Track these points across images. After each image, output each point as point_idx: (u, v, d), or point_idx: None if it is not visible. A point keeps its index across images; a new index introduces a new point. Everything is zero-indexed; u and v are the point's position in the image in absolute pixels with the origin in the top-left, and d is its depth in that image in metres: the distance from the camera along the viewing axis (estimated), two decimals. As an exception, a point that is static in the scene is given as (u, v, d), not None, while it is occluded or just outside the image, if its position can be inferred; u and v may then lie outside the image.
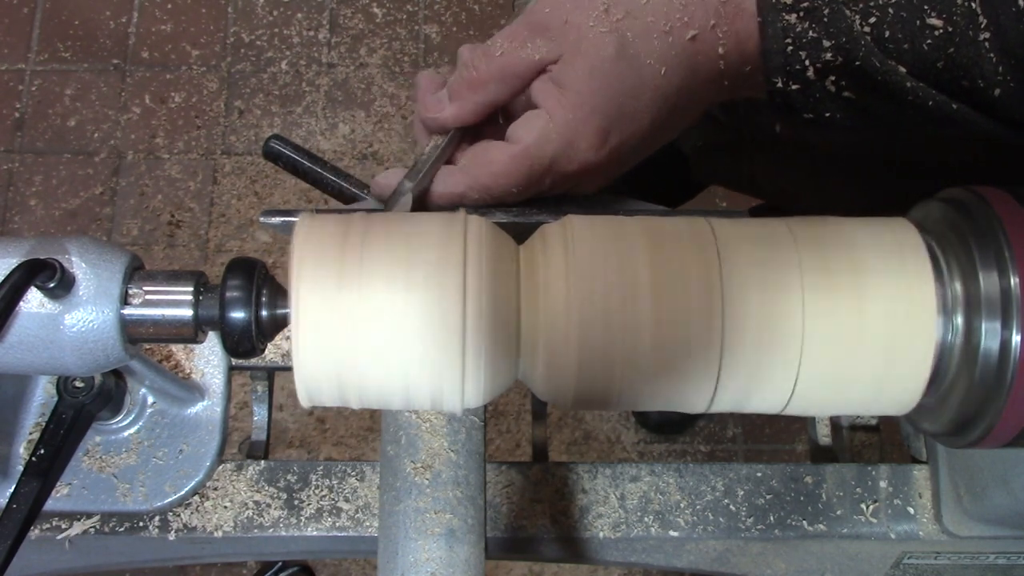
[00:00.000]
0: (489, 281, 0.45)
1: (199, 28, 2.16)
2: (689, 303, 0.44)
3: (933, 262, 0.45)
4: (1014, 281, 0.43)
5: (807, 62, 0.49)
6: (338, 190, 0.61)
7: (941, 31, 0.46)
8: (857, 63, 0.48)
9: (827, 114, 0.52)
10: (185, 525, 0.65)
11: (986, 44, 0.46)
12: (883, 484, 0.68)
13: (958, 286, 0.45)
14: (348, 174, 0.61)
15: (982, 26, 0.46)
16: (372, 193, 0.57)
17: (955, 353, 0.45)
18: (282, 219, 0.55)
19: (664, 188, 1.06)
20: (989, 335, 0.44)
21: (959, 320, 0.45)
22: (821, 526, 0.67)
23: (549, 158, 0.51)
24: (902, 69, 0.48)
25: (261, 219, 0.55)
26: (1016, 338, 0.43)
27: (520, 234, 0.50)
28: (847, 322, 0.45)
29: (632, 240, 0.46)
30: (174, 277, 0.47)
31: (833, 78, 0.49)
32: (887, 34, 0.47)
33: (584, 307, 0.44)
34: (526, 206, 0.55)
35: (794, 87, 0.50)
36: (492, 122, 0.56)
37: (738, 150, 0.83)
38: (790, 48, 0.49)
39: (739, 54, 0.51)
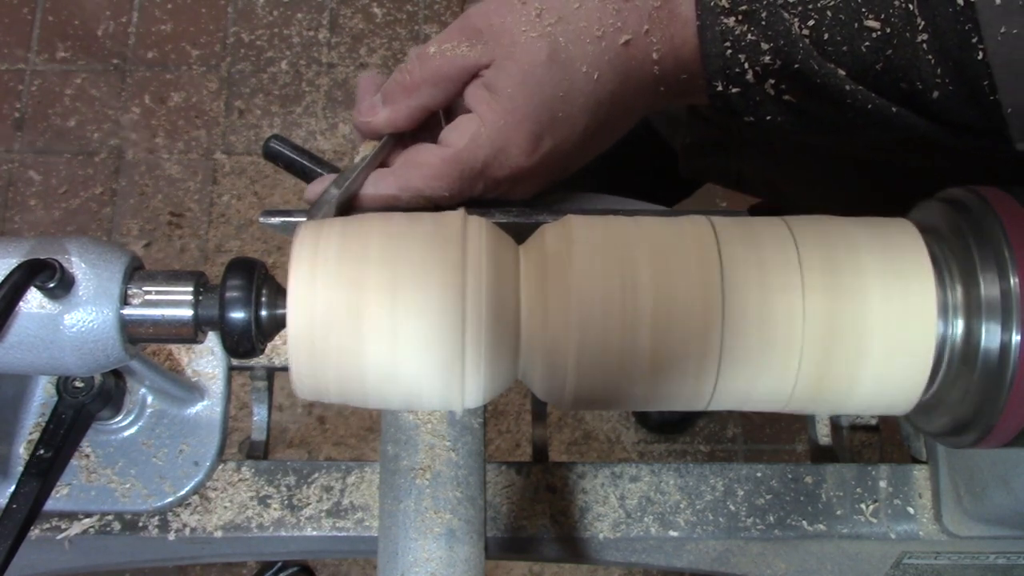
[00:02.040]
0: (489, 281, 0.45)
1: (199, 28, 2.16)
2: (689, 303, 0.44)
3: (933, 262, 0.45)
4: (1014, 282, 0.43)
5: (746, 65, 0.49)
6: None
7: (879, 33, 0.46)
8: (796, 66, 0.48)
9: (768, 117, 0.52)
10: (185, 525, 0.65)
11: (924, 46, 0.46)
12: (883, 484, 0.68)
13: (958, 286, 0.45)
14: None
15: (919, 27, 0.45)
16: (305, 201, 0.56)
17: (955, 353, 0.45)
18: (282, 219, 0.55)
19: (657, 186, 1.06)
20: (989, 335, 0.44)
21: (959, 320, 0.45)
22: (821, 526, 0.67)
23: (481, 163, 0.51)
24: (841, 72, 0.48)
25: (261, 219, 0.55)
26: (1016, 338, 0.43)
27: (520, 234, 0.50)
28: (847, 322, 0.45)
29: (632, 240, 0.46)
30: (174, 277, 0.47)
31: (773, 81, 0.49)
32: (825, 36, 0.47)
33: (584, 307, 0.44)
34: (526, 206, 0.55)
35: (734, 90, 0.50)
36: (433, 127, 0.56)
37: (726, 147, 0.83)
38: (729, 51, 0.49)
39: (674, 59, 0.51)
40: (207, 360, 0.68)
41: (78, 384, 0.59)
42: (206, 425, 0.66)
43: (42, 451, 0.55)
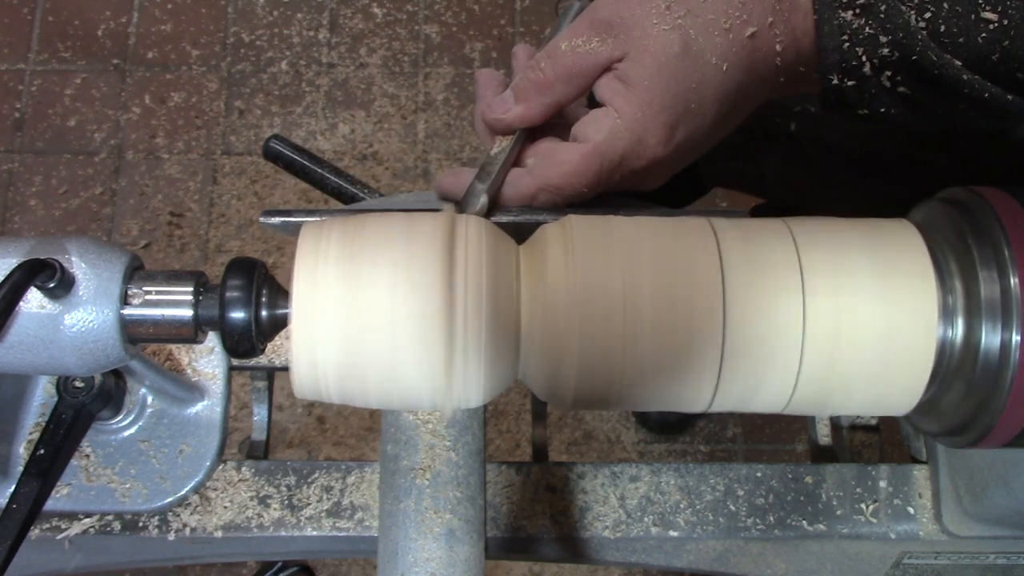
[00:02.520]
0: (489, 281, 0.45)
1: (199, 28, 2.16)
2: (690, 303, 0.44)
3: (933, 262, 0.45)
4: (1014, 281, 0.43)
5: (864, 58, 0.50)
6: (338, 190, 0.61)
7: (996, 24, 0.47)
8: (914, 58, 0.48)
9: (882, 109, 0.52)
10: (185, 525, 0.65)
11: None
12: (883, 484, 0.68)
13: (958, 287, 0.45)
14: (348, 174, 0.61)
15: None
16: (438, 193, 0.57)
17: (955, 353, 0.45)
18: (282, 219, 0.55)
19: (670, 191, 1.06)
20: (989, 335, 0.44)
21: (959, 320, 0.45)
22: (821, 526, 0.67)
23: (619, 155, 0.52)
24: (958, 63, 0.48)
25: (261, 219, 0.55)
26: (1016, 338, 0.43)
27: (520, 234, 0.50)
28: (847, 322, 0.45)
29: (632, 240, 0.46)
30: (174, 277, 0.47)
31: (889, 73, 0.50)
32: (942, 28, 0.48)
33: (584, 307, 0.44)
34: (526, 206, 0.55)
35: (850, 83, 0.51)
36: (555, 122, 0.56)
37: (748, 151, 0.83)
38: (846, 45, 0.50)
39: (795, 51, 0.51)
40: (207, 360, 0.68)
41: (78, 384, 0.59)
42: (206, 425, 0.66)
43: (42, 451, 0.55)
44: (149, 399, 0.66)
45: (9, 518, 0.52)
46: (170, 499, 0.65)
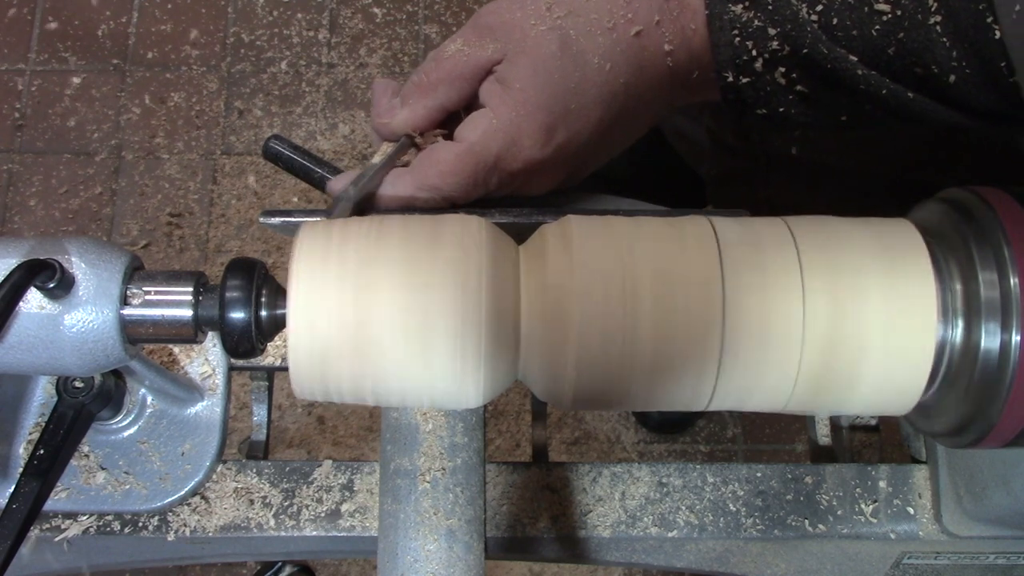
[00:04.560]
0: (489, 281, 0.45)
1: (199, 28, 2.16)
2: (689, 303, 0.44)
3: (933, 262, 0.45)
4: (1014, 281, 0.43)
5: (755, 52, 0.49)
6: None
7: (889, 16, 0.46)
8: (805, 51, 0.48)
9: (780, 109, 0.51)
10: (185, 525, 0.65)
11: (937, 28, 0.45)
12: (883, 484, 0.68)
13: (958, 286, 0.45)
14: None
15: (932, 9, 0.45)
16: (329, 195, 0.57)
17: (955, 353, 0.45)
18: (282, 219, 0.55)
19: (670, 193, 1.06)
20: (989, 335, 0.44)
21: (959, 320, 0.45)
22: (821, 526, 0.67)
23: (494, 156, 0.52)
24: (852, 57, 0.47)
25: (261, 219, 0.55)
26: (1016, 338, 0.43)
27: (520, 234, 0.50)
28: (847, 323, 0.45)
29: (632, 240, 0.46)
30: (174, 277, 0.47)
31: (783, 69, 0.49)
32: (835, 21, 0.47)
33: (584, 307, 0.44)
34: (526, 206, 0.55)
35: (744, 80, 0.50)
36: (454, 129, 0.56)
37: (753, 176, 0.83)
38: (737, 39, 0.49)
39: (687, 51, 0.51)
40: (207, 360, 0.68)
41: (78, 384, 0.59)
42: (206, 425, 0.66)
43: (42, 451, 0.55)
44: (149, 399, 0.66)
45: (9, 518, 0.52)
46: (170, 499, 0.65)
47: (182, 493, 0.65)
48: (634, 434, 1.87)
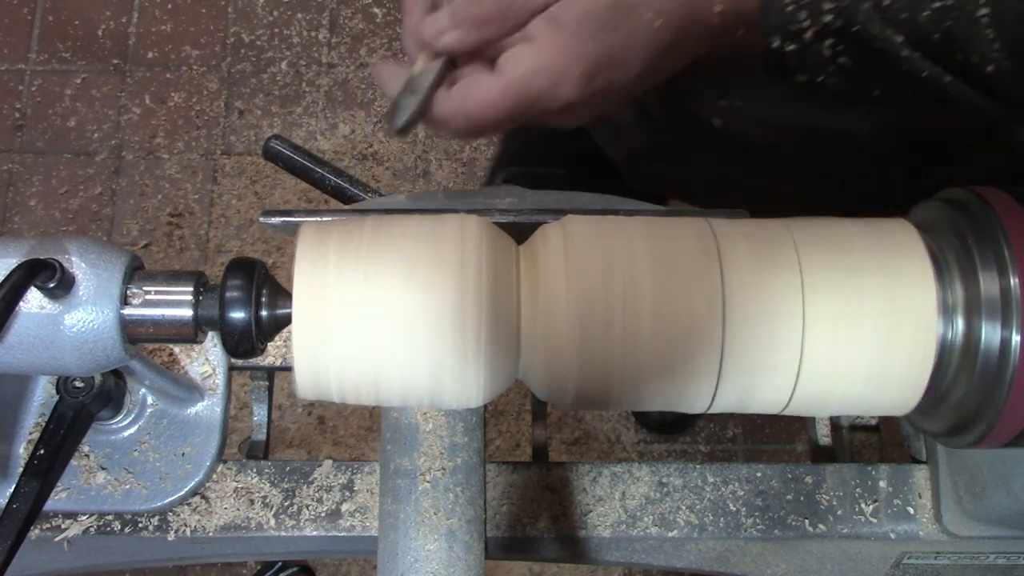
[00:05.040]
0: (489, 281, 0.45)
1: (199, 28, 2.16)
2: (689, 304, 0.44)
3: (933, 262, 0.45)
4: (1014, 281, 0.43)
5: (806, 23, 0.50)
6: (338, 190, 0.61)
7: (941, 3, 0.47)
8: (856, 28, 0.49)
9: (820, 78, 0.52)
10: (185, 525, 0.65)
11: (984, 20, 0.46)
12: (883, 484, 0.68)
13: (958, 286, 0.45)
14: (348, 174, 0.61)
15: (981, 2, 0.46)
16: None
17: (955, 353, 0.45)
18: (282, 219, 0.55)
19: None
20: (989, 335, 0.44)
21: (959, 320, 0.45)
22: (821, 526, 0.67)
23: (535, 94, 0.52)
24: (899, 38, 0.48)
25: (261, 219, 0.55)
26: (1016, 338, 0.43)
27: (520, 234, 0.50)
28: (847, 323, 0.45)
29: (632, 240, 0.46)
30: (174, 277, 0.47)
31: (831, 41, 0.50)
32: (887, 2, 0.48)
33: (584, 307, 0.44)
34: (526, 206, 0.55)
35: (790, 47, 0.51)
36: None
37: (672, 153, 0.83)
38: (790, 8, 0.50)
39: (735, 13, 0.51)
40: (207, 360, 0.68)
41: (78, 384, 0.59)
42: (206, 425, 0.66)
43: (42, 451, 0.55)
44: (149, 399, 0.66)
45: (9, 518, 0.52)
46: (170, 499, 0.65)
47: (182, 493, 0.65)
48: (634, 434, 1.87)
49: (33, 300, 0.44)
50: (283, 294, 0.47)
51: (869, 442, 0.73)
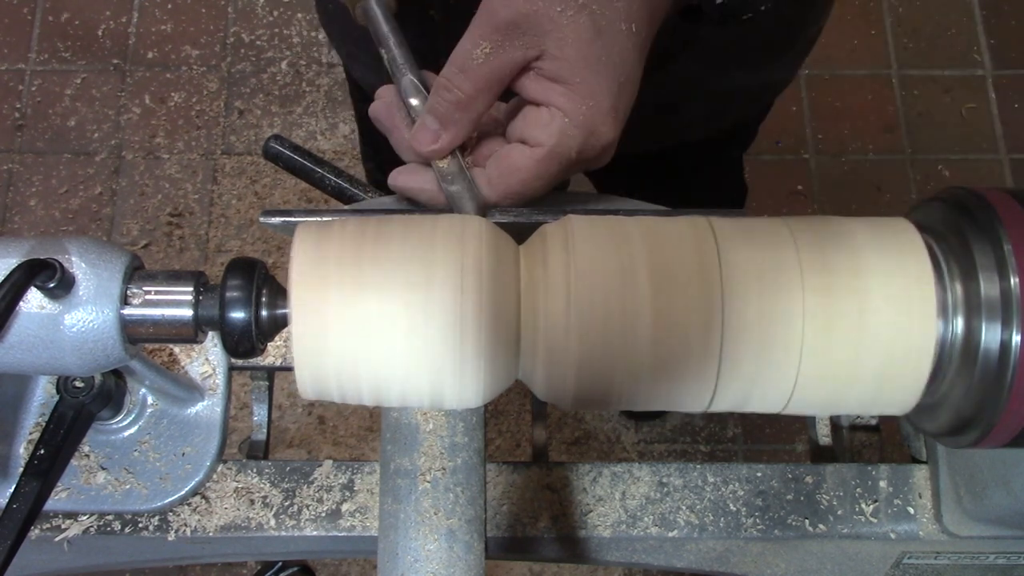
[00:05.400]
0: (489, 281, 0.45)
1: (199, 28, 2.16)
2: (689, 303, 0.44)
3: (933, 262, 0.45)
4: (1014, 281, 0.43)
5: None
6: (338, 190, 0.61)
7: None
8: None
9: (762, 7, 0.56)
10: (185, 525, 0.65)
11: None
12: (883, 484, 0.68)
13: (958, 286, 0.45)
14: (348, 174, 0.61)
15: None
16: (398, 192, 0.57)
17: (955, 353, 0.45)
18: (282, 219, 0.55)
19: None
20: (989, 335, 0.44)
21: (959, 320, 0.45)
22: (821, 526, 0.67)
23: (576, 152, 0.52)
24: None
25: (261, 219, 0.55)
26: (1016, 338, 0.43)
27: (520, 234, 0.50)
28: (847, 322, 0.45)
29: (632, 240, 0.46)
30: (174, 277, 0.47)
31: None
32: None
33: (584, 307, 0.44)
34: (526, 206, 0.55)
35: None
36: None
37: None
38: None
39: None
40: (207, 360, 0.68)
41: (78, 384, 0.59)
42: (206, 425, 0.66)
43: (42, 451, 0.55)
44: (149, 399, 0.66)
45: (9, 518, 0.52)
46: (170, 499, 0.65)
47: (182, 493, 0.65)
48: (634, 434, 1.87)
49: (33, 300, 0.44)
50: (283, 294, 0.47)
51: (869, 442, 0.73)
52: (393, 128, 0.56)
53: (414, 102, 0.55)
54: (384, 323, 0.44)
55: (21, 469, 0.57)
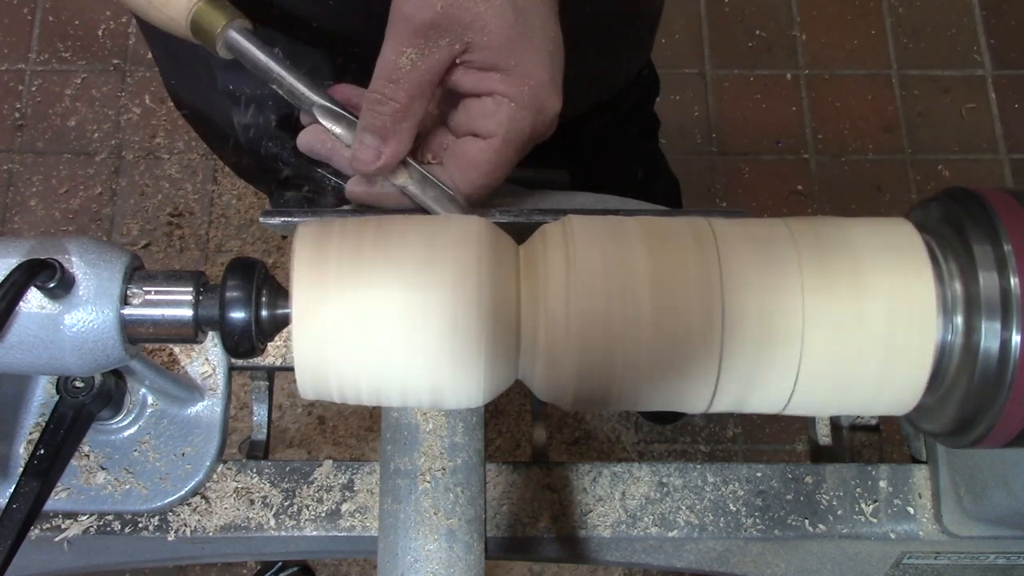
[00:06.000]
0: (489, 281, 0.45)
1: (199, 28, 2.16)
2: (689, 303, 0.44)
3: (933, 262, 0.45)
4: (1014, 281, 0.43)
5: None
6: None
7: None
8: None
9: None
10: (185, 525, 0.65)
11: None
12: (883, 484, 0.68)
13: (958, 286, 0.45)
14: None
15: None
16: (354, 201, 0.56)
17: (955, 353, 0.45)
18: (282, 219, 0.55)
19: None
20: (989, 335, 0.44)
21: (959, 320, 0.45)
22: (821, 526, 0.67)
23: (528, 133, 0.53)
24: None
25: (261, 219, 0.55)
26: (1016, 338, 0.43)
27: (520, 234, 0.50)
28: (847, 322, 0.45)
29: (632, 240, 0.46)
30: (174, 277, 0.47)
31: None
32: None
33: (584, 307, 0.44)
34: (526, 206, 0.55)
35: None
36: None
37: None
38: None
39: None
40: (207, 360, 0.68)
41: (78, 384, 0.59)
42: (206, 425, 0.66)
43: (42, 451, 0.55)
44: (149, 399, 0.66)
45: (9, 518, 0.51)
46: (170, 499, 0.65)
47: (182, 493, 0.65)
48: (634, 434, 1.87)
49: (33, 300, 0.44)
50: (283, 294, 0.47)
51: (869, 442, 0.73)
52: (332, 153, 0.56)
53: (337, 130, 0.55)
54: (384, 323, 0.44)
55: (21, 469, 0.57)
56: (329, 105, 0.55)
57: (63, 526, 0.65)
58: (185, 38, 0.57)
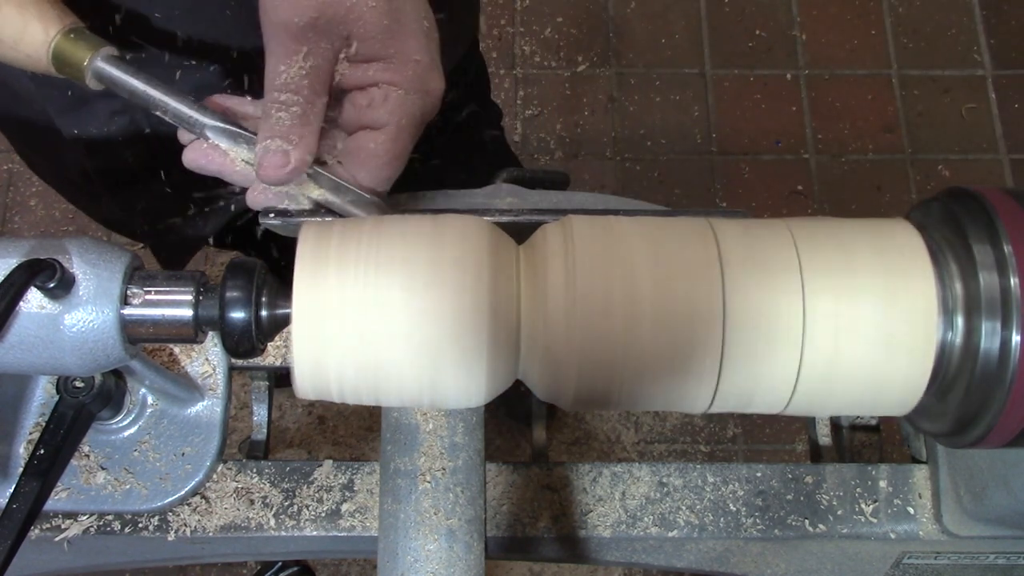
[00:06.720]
0: (489, 281, 0.45)
1: (199, 28, 2.16)
2: (690, 304, 0.44)
3: (933, 262, 0.46)
4: (1014, 281, 0.43)
5: None
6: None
7: None
8: None
9: None
10: (185, 525, 0.65)
11: None
12: (883, 484, 0.68)
13: (958, 286, 0.45)
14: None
15: None
16: (259, 208, 0.55)
17: (955, 353, 0.45)
18: (282, 219, 0.55)
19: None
20: (989, 335, 0.44)
21: (959, 320, 0.45)
22: (821, 526, 0.67)
23: (420, 112, 0.53)
24: None
25: (261, 219, 0.55)
26: (1016, 338, 0.43)
27: (520, 234, 0.50)
28: (847, 323, 0.45)
29: (632, 240, 0.46)
30: (174, 277, 0.47)
31: None
32: None
33: (584, 307, 0.44)
34: (526, 206, 0.55)
35: None
36: None
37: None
38: None
39: None
40: (207, 360, 0.68)
41: (78, 384, 0.59)
42: (206, 425, 0.66)
43: (42, 451, 0.55)
44: (149, 399, 0.66)
45: (9, 518, 0.52)
46: (170, 499, 0.65)
47: (182, 493, 0.65)
48: (634, 434, 1.87)
49: (33, 300, 0.44)
50: (283, 294, 0.47)
51: (869, 442, 0.73)
52: (222, 168, 0.55)
53: (234, 148, 0.54)
54: (384, 323, 0.44)
55: (21, 469, 0.57)
56: (220, 125, 0.53)
57: (63, 526, 0.65)
58: (48, 73, 0.55)
